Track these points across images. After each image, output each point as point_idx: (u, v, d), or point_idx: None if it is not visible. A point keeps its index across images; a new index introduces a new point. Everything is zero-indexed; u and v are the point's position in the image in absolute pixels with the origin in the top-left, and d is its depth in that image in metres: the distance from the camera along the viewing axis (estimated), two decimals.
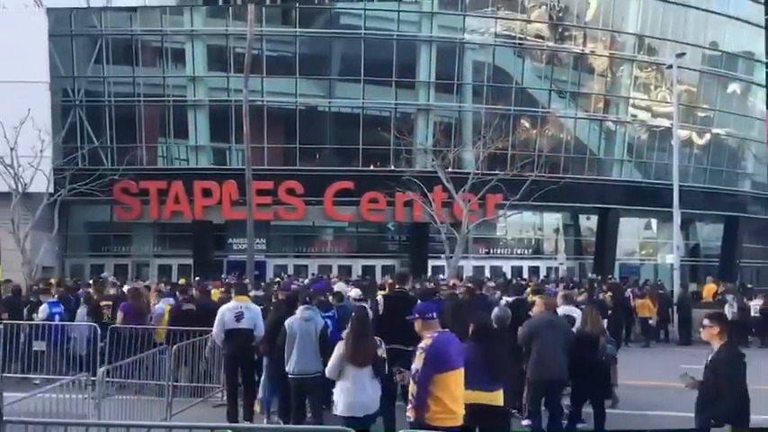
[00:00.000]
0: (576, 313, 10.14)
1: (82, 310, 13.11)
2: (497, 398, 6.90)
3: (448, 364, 5.73)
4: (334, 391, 6.49)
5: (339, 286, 12.72)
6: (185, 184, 29.48)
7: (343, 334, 6.99)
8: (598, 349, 8.70)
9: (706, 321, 6.57)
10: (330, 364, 6.61)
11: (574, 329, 9.34)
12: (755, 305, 19.69)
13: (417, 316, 6.01)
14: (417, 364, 5.72)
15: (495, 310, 8.38)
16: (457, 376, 5.82)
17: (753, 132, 38.16)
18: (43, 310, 12.69)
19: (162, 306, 12.90)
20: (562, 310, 10.15)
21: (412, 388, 5.76)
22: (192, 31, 30.49)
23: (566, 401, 9.40)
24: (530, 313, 9.49)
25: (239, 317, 9.42)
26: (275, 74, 30.40)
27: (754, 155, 38.09)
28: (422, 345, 5.79)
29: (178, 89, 30.88)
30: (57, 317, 12.68)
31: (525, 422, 9.28)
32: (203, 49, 30.77)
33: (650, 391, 11.52)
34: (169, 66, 31.17)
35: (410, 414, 5.78)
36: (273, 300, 11.55)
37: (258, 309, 9.73)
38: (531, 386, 8.70)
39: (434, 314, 5.99)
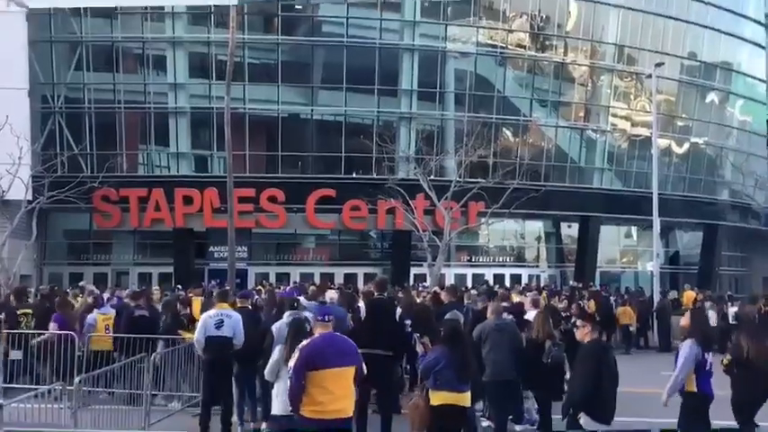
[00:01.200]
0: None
1: None
2: (465, 399, 7.29)
3: (322, 362, 6.09)
4: (272, 392, 6.79)
5: (329, 294, 12.62)
6: (166, 192, 29.21)
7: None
8: (543, 353, 9.05)
9: (579, 322, 7.05)
10: (268, 367, 6.91)
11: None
12: (732, 312, 19.89)
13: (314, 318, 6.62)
14: (292, 360, 6.15)
15: (447, 316, 8.65)
16: (330, 375, 6.12)
17: (730, 141, 38.73)
18: None
19: (94, 316, 12.24)
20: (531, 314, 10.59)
21: (287, 381, 6.21)
22: (173, 38, 30.32)
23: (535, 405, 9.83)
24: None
25: (219, 324, 9.38)
26: (257, 81, 30.31)
27: (732, 163, 38.57)
28: (301, 344, 6.23)
29: (159, 96, 30.66)
30: None
31: (519, 428, 9.78)
32: (185, 56, 30.60)
33: (629, 397, 11.59)
34: (150, 73, 30.99)
35: (289, 405, 6.22)
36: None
37: (239, 317, 9.64)
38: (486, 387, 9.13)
39: (328, 317, 6.46)
